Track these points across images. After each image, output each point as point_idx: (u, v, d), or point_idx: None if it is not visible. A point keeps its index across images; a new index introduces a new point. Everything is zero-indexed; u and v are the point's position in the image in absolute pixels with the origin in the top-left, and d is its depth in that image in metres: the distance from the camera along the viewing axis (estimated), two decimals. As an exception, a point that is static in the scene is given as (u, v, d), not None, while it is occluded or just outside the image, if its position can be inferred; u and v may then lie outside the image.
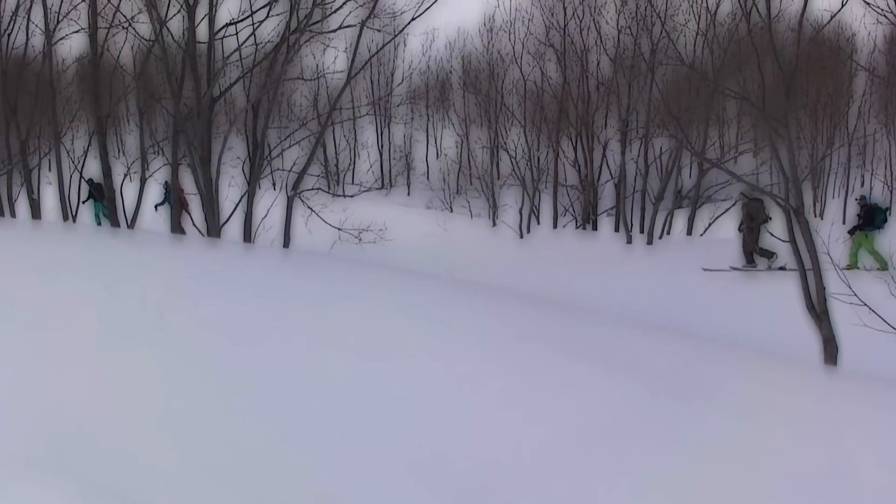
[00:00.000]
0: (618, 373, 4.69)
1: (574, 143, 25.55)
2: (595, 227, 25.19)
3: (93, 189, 15.57)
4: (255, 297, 5.58)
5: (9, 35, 13.07)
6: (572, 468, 3.39)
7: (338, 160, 39.95)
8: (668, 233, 21.64)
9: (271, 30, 12.52)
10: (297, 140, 13.99)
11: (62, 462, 2.85)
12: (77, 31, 13.08)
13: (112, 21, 12.29)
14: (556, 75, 25.88)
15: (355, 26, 12.42)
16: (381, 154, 43.08)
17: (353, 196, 15.51)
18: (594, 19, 24.32)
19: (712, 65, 18.68)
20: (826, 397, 4.97)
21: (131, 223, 13.08)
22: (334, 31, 12.72)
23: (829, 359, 6.31)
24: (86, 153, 14.67)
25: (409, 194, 39.97)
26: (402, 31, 14.09)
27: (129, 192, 13.39)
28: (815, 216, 28.08)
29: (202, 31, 11.34)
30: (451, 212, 32.14)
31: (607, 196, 26.44)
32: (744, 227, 14.02)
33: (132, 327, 4.45)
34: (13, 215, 13.72)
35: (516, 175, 24.97)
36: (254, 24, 12.34)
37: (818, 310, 6.36)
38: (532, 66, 26.93)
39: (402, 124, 43.18)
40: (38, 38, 13.15)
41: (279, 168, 13.38)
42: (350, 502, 2.96)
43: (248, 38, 12.56)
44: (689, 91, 20.63)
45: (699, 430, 3.92)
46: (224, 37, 12.27)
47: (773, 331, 7.81)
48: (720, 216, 22.79)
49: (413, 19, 12.86)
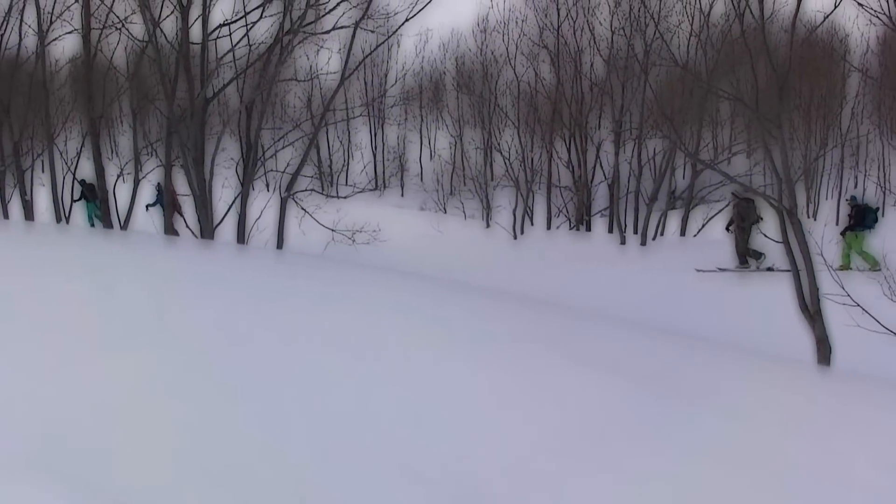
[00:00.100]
0: (612, 373, 4.71)
1: (568, 143, 25.57)
2: (589, 228, 25.23)
3: (85, 190, 15.51)
4: (249, 297, 5.58)
5: (1, 36, 13.05)
6: (567, 468, 3.39)
7: (331, 161, 39.85)
8: (662, 233, 21.66)
9: (265, 31, 12.48)
10: (290, 141, 13.99)
11: (56, 464, 2.84)
12: (70, 31, 13.01)
13: (105, 22, 12.25)
14: (549, 76, 25.88)
15: (349, 27, 12.40)
16: (374, 155, 43.07)
17: (346, 197, 15.51)
18: (588, 20, 24.37)
19: (706, 66, 18.71)
20: (819, 398, 4.99)
21: (124, 224, 13.05)
22: (328, 32, 12.69)
23: (822, 359, 6.32)
24: (79, 154, 14.62)
25: (402, 195, 39.92)
26: (395, 32, 14.04)
27: (122, 194, 13.36)
28: (809, 217, 28.15)
29: (195, 32, 11.30)
30: (445, 213, 32.15)
31: (601, 197, 26.51)
32: (734, 228, 14.07)
33: (126, 329, 4.44)
34: (6, 216, 13.67)
35: (510, 176, 24.96)
36: (247, 25, 12.32)
37: (811, 310, 6.38)
38: (526, 66, 26.92)
39: (396, 125, 43.19)
40: (31, 39, 13.11)
41: (273, 169, 13.36)
42: (344, 503, 2.96)
43: (242, 39, 12.53)
44: (683, 92, 20.63)
45: (693, 431, 3.93)
46: (217, 38, 12.22)
47: (766, 331, 7.84)
48: (714, 217, 22.85)
49: (407, 20, 12.85)
